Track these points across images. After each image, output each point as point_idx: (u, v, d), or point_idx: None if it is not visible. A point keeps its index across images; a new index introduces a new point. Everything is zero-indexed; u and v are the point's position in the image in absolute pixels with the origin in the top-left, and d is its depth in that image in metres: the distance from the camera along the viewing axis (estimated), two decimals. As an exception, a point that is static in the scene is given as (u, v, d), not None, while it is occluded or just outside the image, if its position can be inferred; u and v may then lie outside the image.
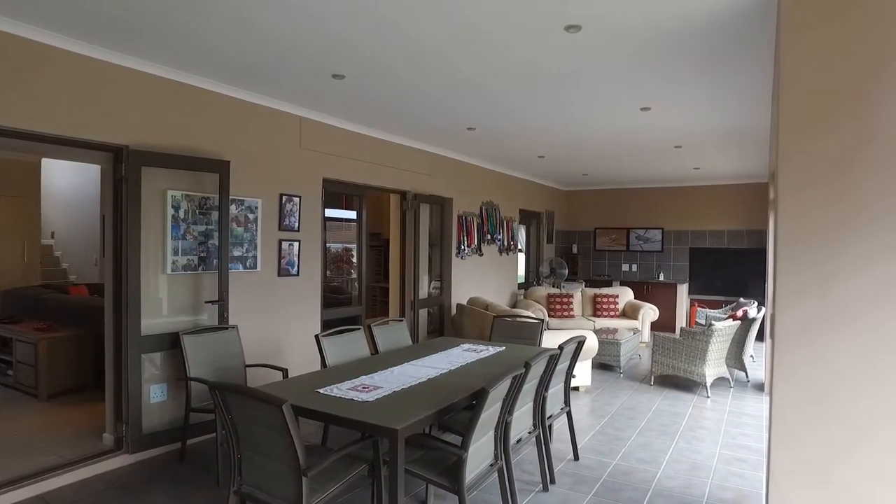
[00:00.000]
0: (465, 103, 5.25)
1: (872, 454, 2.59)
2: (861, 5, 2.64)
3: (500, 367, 3.88)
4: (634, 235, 11.36)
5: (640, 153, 7.78)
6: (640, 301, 9.58)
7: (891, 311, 2.57)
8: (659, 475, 4.12)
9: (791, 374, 2.75)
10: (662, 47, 3.71)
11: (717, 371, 6.38)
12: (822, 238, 2.70)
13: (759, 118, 5.49)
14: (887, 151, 2.58)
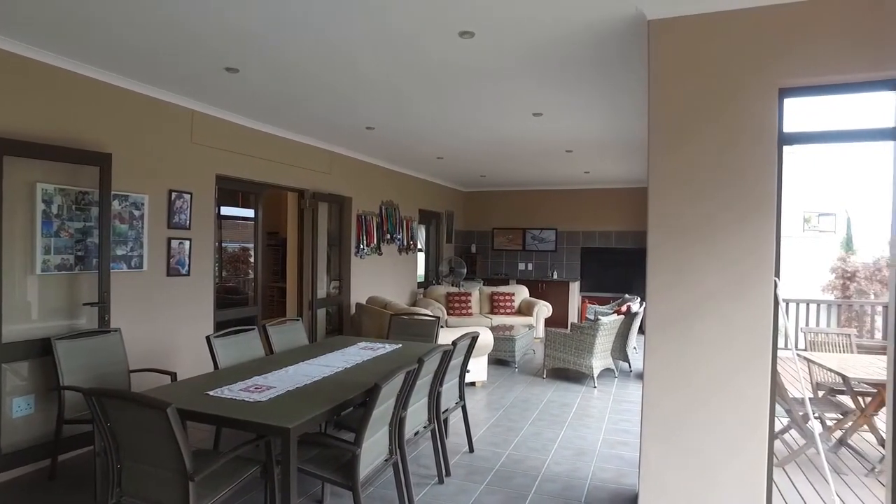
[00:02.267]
0: (363, 102, 5.26)
1: (717, 424, 2.97)
2: (716, 41, 2.97)
3: (395, 364, 3.94)
4: (530, 236, 11.85)
5: (534, 157, 8.13)
6: (535, 299, 10.01)
7: (732, 307, 2.92)
8: (548, 462, 4.36)
9: (657, 355, 3.07)
10: (549, 58, 3.94)
11: (603, 363, 6.82)
12: (683, 239, 3.02)
13: (638, 127, 5.94)
14: (738, 163, 2.92)
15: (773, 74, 2.89)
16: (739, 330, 2.93)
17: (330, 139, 7.11)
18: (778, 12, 2.86)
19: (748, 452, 2.93)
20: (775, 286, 2.89)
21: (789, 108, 2.98)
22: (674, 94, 3.05)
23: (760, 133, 2.89)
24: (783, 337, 9.01)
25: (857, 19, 2.75)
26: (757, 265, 2.90)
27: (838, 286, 10.01)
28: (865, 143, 3.14)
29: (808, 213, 15.69)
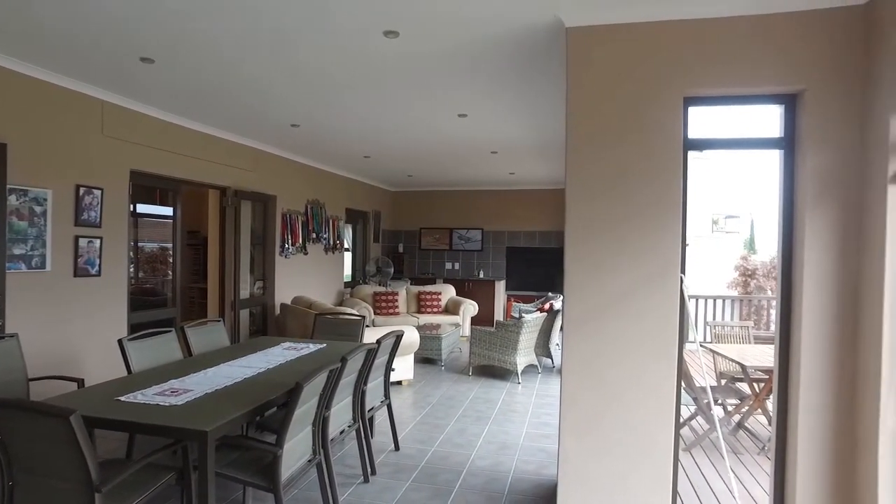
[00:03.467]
0: (288, 99, 5.17)
1: (628, 412, 3.14)
2: (629, 50, 3.14)
3: (319, 363, 3.90)
4: (457, 235, 11.99)
5: (460, 157, 8.25)
6: (461, 298, 10.15)
7: (643, 303, 3.10)
8: (472, 457, 4.45)
9: (574, 350, 3.21)
10: (472, 60, 4.02)
11: (527, 359, 7.01)
12: (598, 239, 3.16)
13: (560, 130, 6.15)
14: (648, 167, 3.10)
15: (679, 84, 3.08)
16: (650, 325, 3.11)
17: (254, 136, 6.92)
18: (685, 27, 3.06)
19: (658, 440, 3.11)
20: (681, 282, 3.09)
21: (694, 116, 3.19)
22: (589, 99, 3.19)
23: (668, 139, 3.07)
24: (692, 331, 9.62)
25: (752, 39, 2.98)
26: (665, 263, 3.09)
27: (741, 283, 10.75)
28: (757, 150, 3.40)
29: (716, 216, 16.76)
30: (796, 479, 3.01)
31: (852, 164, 2.89)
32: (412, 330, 6.43)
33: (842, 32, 2.90)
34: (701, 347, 6.99)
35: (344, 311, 5.96)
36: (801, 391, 2.99)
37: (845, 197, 2.91)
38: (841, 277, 2.93)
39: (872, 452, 2.72)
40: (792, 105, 3.09)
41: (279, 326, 7.60)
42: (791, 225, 3.11)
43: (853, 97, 2.89)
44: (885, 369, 2.67)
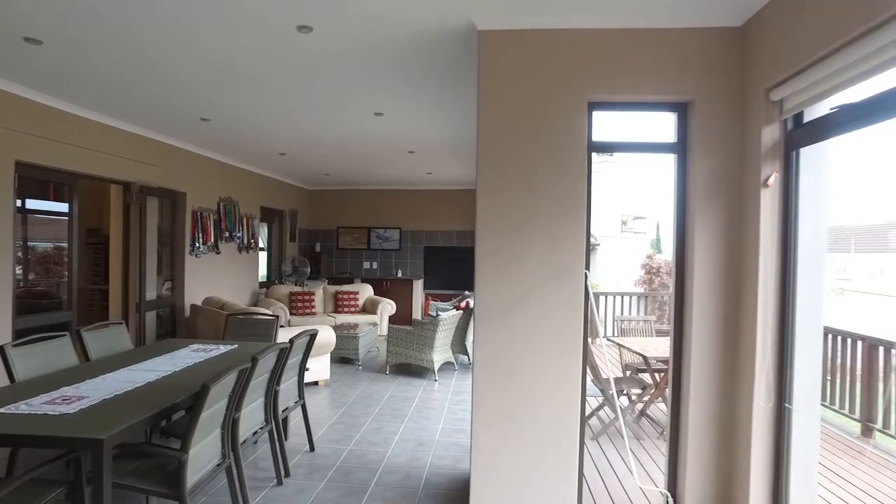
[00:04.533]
0: (197, 91, 4.95)
1: (537, 404, 3.27)
2: (538, 55, 3.26)
3: (229, 364, 3.78)
4: (375, 235, 11.94)
5: (377, 156, 8.23)
6: (379, 297, 10.13)
7: (551, 298, 3.24)
8: (388, 454, 4.47)
9: (485, 345, 3.29)
10: (387, 59, 4.03)
11: (443, 356, 7.10)
12: (508, 237, 3.27)
13: (474, 131, 6.27)
14: (556, 168, 3.24)
15: (583, 89, 3.25)
16: (557, 319, 3.25)
17: (161, 129, 6.57)
18: (589, 36, 3.22)
19: (565, 429, 3.26)
20: (586, 277, 3.25)
21: (598, 120, 3.37)
22: (499, 102, 3.29)
23: (573, 141, 3.23)
24: (599, 325, 10.06)
25: (648, 50, 3.19)
26: (571, 259, 3.24)
27: (647, 280, 11.39)
28: (655, 154, 3.64)
29: (625, 217, 17.64)
30: (687, 457, 3.25)
31: (734, 169, 3.16)
32: (328, 329, 6.35)
33: (723, 49, 3.17)
34: (608, 341, 7.36)
35: (257, 311, 5.80)
36: (692, 378, 3.24)
37: (728, 199, 3.18)
38: (724, 274, 3.20)
39: (748, 429, 2.99)
40: (684, 113, 3.33)
41: (189, 328, 7.28)
42: (684, 225, 3.36)
43: (733, 108, 3.16)
44: (758, 356, 2.95)
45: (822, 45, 2.45)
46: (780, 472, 2.95)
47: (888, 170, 4.24)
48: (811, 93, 2.66)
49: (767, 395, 2.96)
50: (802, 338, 2.91)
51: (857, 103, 2.47)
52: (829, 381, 5.65)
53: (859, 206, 11.82)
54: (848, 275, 16.12)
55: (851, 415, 5.37)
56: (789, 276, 2.92)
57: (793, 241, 2.91)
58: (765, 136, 2.93)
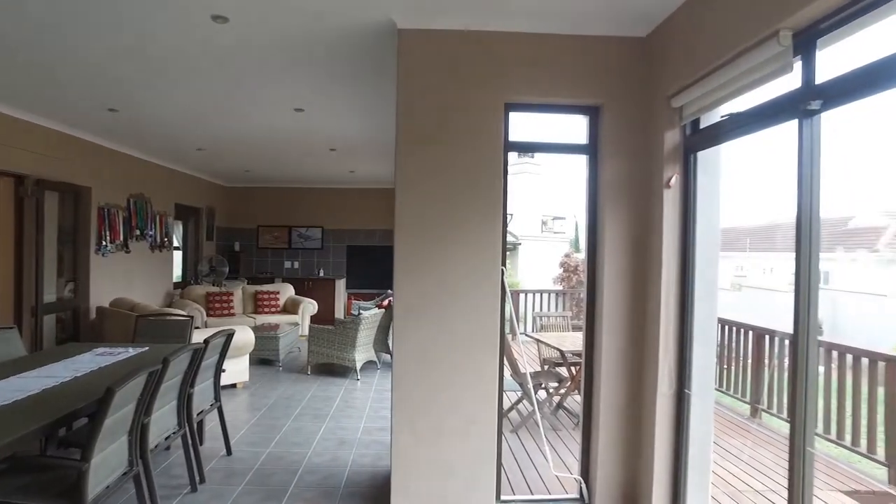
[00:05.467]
0: (103, 78, 4.65)
1: (456, 400, 3.34)
2: (457, 56, 3.32)
3: (138, 367, 3.61)
4: (297, 233, 11.69)
5: (298, 153, 8.06)
6: (301, 297, 9.94)
7: (469, 295, 3.32)
8: (309, 454, 4.41)
9: (404, 343, 3.33)
10: (306, 54, 3.96)
11: (365, 355, 7.07)
12: (427, 235, 3.32)
13: (395, 130, 6.28)
14: (474, 167, 3.31)
15: (501, 90, 3.34)
16: (475, 315, 3.33)
17: (62, 118, 6.11)
18: (507, 38, 3.32)
19: (483, 422, 3.35)
20: (502, 274, 3.35)
21: (514, 121, 3.48)
22: (419, 100, 3.33)
23: (490, 141, 3.32)
24: (522, 322, 10.31)
25: (561, 55, 3.34)
26: (489, 257, 3.33)
27: (565, 278, 11.81)
28: (568, 155, 3.81)
29: (545, 217, 18.19)
30: (598, 444, 3.42)
31: (640, 170, 3.36)
32: (246, 330, 6.18)
33: (630, 57, 3.36)
34: (527, 337, 7.58)
35: (171, 311, 5.55)
36: (603, 370, 3.41)
37: (635, 199, 3.37)
38: (632, 269, 3.39)
39: (652, 415, 3.20)
40: (595, 117, 3.50)
41: (95, 332, 6.84)
42: (595, 224, 3.53)
43: (639, 113, 3.36)
44: (661, 347, 3.15)
45: (713, 59, 2.66)
46: (680, 452, 3.17)
47: (773, 176, 4.64)
48: (706, 101, 2.87)
49: (669, 382, 3.17)
50: (699, 328, 3.14)
51: (743, 112, 2.70)
52: (725, 368, 6.11)
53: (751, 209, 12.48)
54: (744, 272, 17.44)
55: (742, 398, 5.84)
56: (688, 272, 3.15)
57: (691, 239, 3.14)
58: (667, 140, 3.14)
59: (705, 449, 3.18)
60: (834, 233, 16.54)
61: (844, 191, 23.40)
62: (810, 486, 2.27)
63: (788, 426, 2.38)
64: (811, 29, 2.19)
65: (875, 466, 4.29)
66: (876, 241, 15.07)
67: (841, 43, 2.16)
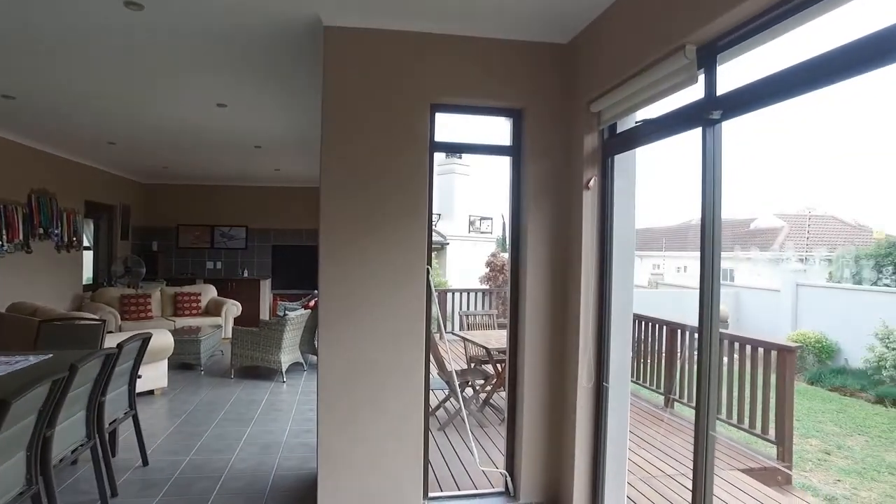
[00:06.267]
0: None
1: (383, 399, 3.35)
2: (384, 55, 3.32)
3: (38, 377, 3.37)
4: (219, 233, 11.27)
5: (221, 150, 7.78)
6: (224, 298, 9.62)
7: (395, 295, 3.33)
8: (233, 460, 4.28)
9: (330, 343, 3.30)
10: (228, 47, 3.83)
11: (291, 357, 6.94)
12: (353, 236, 3.30)
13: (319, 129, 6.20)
14: (400, 166, 3.32)
15: (427, 91, 3.37)
16: (401, 314, 3.34)
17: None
18: (433, 39, 3.35)
19: (410, 420, 3.37)
20: (428, 274, 3.38)
21: (441, 121, 3.52)
22: (345, 99, 3.30)
23: (416, 140, 3.34)
24: (450, 321, 10.41)
25: (486, 58, 3.40)
26: (415, 256, 3.35)
27: (492, 277, 12.02)
28: (492, 156, 3.89)
29: (473, 217, 18.43)
30: (523, 438, 3.53)
31: (561, 172, 3.48)
32: (165, 333, 5.91)
33: (552, 62, 3.48)
34: (454, 335, 7.67)
35: (80, 316, 5.23)
36: (527, 366, 3.51)
37: (556, 199, 3.49)
38: (553, 268, 3.51)
39: (573, 407, 3.33)
40: (518, 119, 3.60)
41: (-10, 340, 6.33)
42: (518, 224, 3.62)
43: (561, 117, 3.49)
44: (581, 342, 3.29)
45: (628, 68, 2.80)
46: (599, 443, 3.32)
47: (687, 180, 4.94)
48: (621, 107, 3.02)
49: (589, 376, 3.31)
50: (617, 324, 3.30)
51: (655, 119, 2.86)
52: (643, 361, 6.44)
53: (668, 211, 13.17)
54: (661, 270, 18.37)
55: (657, 389, 6.17)
56: (606, 270, 3.29)
57: (609, 238, 3.28)
58: (586, 144, 3.27)
59: (622, 438, 3.34)
60: (739, 233, 17.76)
61: (748, 195, 25.06)
62: (712, 467, 2.44)
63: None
64: (712, 44, 2.35)
65: (767, 445, 4.68)
66: (773, 242, 16.32)
67: (740, 58, 2.34)
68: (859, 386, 8.31)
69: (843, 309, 9.75)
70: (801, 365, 9.23)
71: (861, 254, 11.97)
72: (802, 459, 5.44)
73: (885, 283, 10.65)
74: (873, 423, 6.92)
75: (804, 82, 1.95)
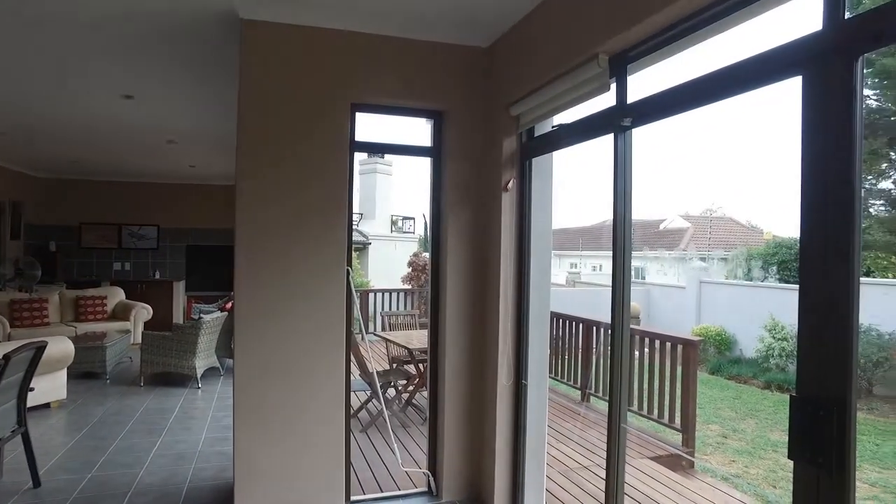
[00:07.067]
0: None
1: (303, 402, 3.28)
2: (305, 51, 3.25)
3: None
4: (128, 232, 10.60)
5: (132, 144, 7.31)
6: (133, 301, 9.08)
7: (314, 296, 3.28)
8: (141, 474, 4.04)
9: (246, 346, 3.20)
10: (137, 35, 3.60)
11: (207, 362, 6.65)
12: (271, 235, 3.22)
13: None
14: (320, 166, 3.27)
15: (347, 90, 3.33)
16: (323, 316, 3.28)
17: None
18: (354, 38, 3.31)
19: (331, 422, 3.31)
20: (348, 274, 3.34)
21: (362, 121, 3.50)
22: (263, 94, 3.20)
23: (336, 140, 3.29)
24: (372, 322, 10.35)
25: (407, 59, 3.41)
26: (336, 256, 3.30)
27: (414, 276, 12.04)
28: (414, 157, 3.90)
29: (395, 217, 18.38)
30: (444, 437, 3.56)
31: (481, 174, 3.55)
32: (63, 340, 5.50)
33: (472, 66, 3.54)
34: (375, 336, 7.64)
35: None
36: (447, 365, 3.55)
37: (477, 200, 3.56)
38: (473, 268, 3.57)
39: (493, 406, 3.40)
40: (439, 121, 3.63)
41: None
42: (439, 224, 3.65)
43: (481, 119, 3.55)
44: (500, 341, 3.36)
45: (546, 73, 2.90)
46: (519, 439, 3.40)
47: (602, 182, 5.17)
48: (539, 112, 3.11)
49: (508, 374, 3.39)
50: (535, 322, 3.40)
51: (571, 124, 2.98)
52: (561, 358, 6.67)
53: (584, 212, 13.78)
54: (577, 269, 19.07)
55: (574, 384, 6.42)
56: (525, 269, 3.38)
57: (527, 239, 3.38)
58: (505, 146, 3.35)
59: (541, 434, 3.44)
60: (649, 234, 18.78)
61: (658, 197, 26.56)
62: (623, 456, 2.57)
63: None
64: (623, 55, 2.47)
65: (673, 433, 4.99)
66: (679, 242, 17.39)
67: (650, 69, 2.48)
68: (752, 374, 9.03)
69: (739, 304, 10.55)
70: (704, 356, 9.90)
71: (753, 253, 13.01)
72: (704, 444, 5.82)
73: (772, 279, 11.63)
74: (762, 406, 7.54)
75: (703, 95, 2.09)
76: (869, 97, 10.17)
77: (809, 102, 1.64)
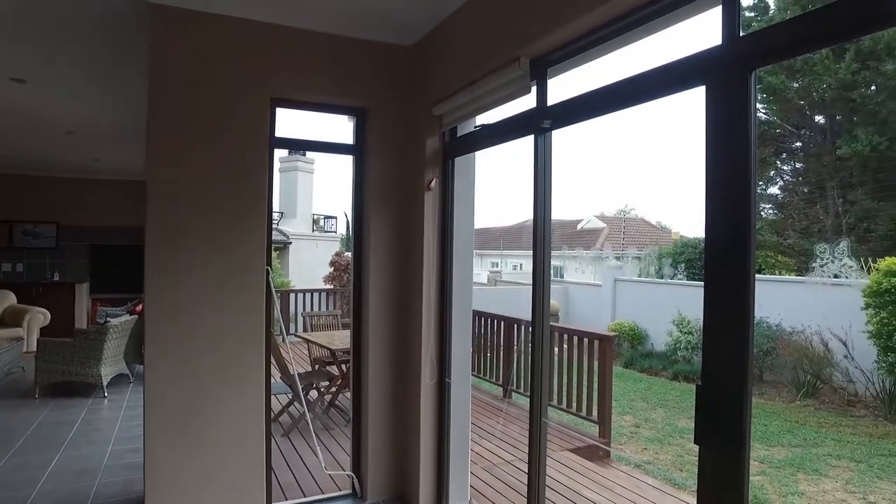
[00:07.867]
0: None
1: (220, 406, 3.15)
2: (221, 42, 3.11)
3: None
4: (21, 230, 9.74)
5: (25, 134, 6.72)
6: (26, 305, 8.38)
7: (231, 296, 3.15)
8: (34, 495, 3.71)
9: (157, 351, 3.03)
10: (30, 15, 3.33)
11: (115, 369, 6.24)
12: (184, 235, 3.07)
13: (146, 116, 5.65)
14: (237, 162, 3.15)
15: (267, 84, 3.22)
16: (239, 317, 3.16)
17: None
18: (273, 30, 3.21)
19: (250, 428, 3.19)
20: (268, 274, 3.24)
21: (283, 116, 3.39)
22: (175, 86, 3.04)
23: (255, 135, 3.18)
24: (293, 323, 10.10)
25: (329, 54, 3.35)
26: (254, 255, 3.18)
27: (336, 276, 11.83)
28: (335, 154, 3.83)
29: (317, 216, 18.01)
30: (368, 439, 3.53)
31: (403, 172, 3.54)
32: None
33: (397, 64, 3.52)
34: (297, 337, 7.46)
35: None
36: (371, 366, 3.52)
37: (399, 199, 3.55)
38: (396, 267, 3.56)
39: (417, 405, 3.40)
40: (362, 118, 3.59)
41: None
42: (361, 223, 3.61)
43: (404, 118, 3.54)
44: (424, 340, 3.37)
45: (469, 74, 2.93)
46: (443, 437, 3.43)
47: (522, 183, 5.29)
48: (462, 112, 3.14)
49: (432, 373, 3.40)
50: (457, 321, 3.43)
51: (493, 125, 3.03)
52: (483, 356, 6.78)
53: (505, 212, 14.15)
54: (499, 268, 19.45)
55: (497, 382, 6.55)
56: (447, 268, 3.41)
57: (449, 238, 3.40)
58: (428, 145, 3.36)
59: (465, 431, 3.48)
60: (567, 234, 19.46)
61: (576, 197, 27.55)
62: (545, 450, 2.65)
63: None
64: (543, 59, 2.55)
65: (591, 425, 5.22)
66: (596, 241, 18.15)
67: (570, 73, 2.57)
68: (662, 366, 9.56)
69: (650, 300, 11.13)
70: (618, 351, 10.39)
71: (663, 252, 13.79)
72: (619, 434, 6.09)
73: (680, 277, 12.38)
74: (670, 396, 8.00)
75: (619, 100, 2.20)
76: (759, 110, 11.05)
77: (712, 110, 1.76)
